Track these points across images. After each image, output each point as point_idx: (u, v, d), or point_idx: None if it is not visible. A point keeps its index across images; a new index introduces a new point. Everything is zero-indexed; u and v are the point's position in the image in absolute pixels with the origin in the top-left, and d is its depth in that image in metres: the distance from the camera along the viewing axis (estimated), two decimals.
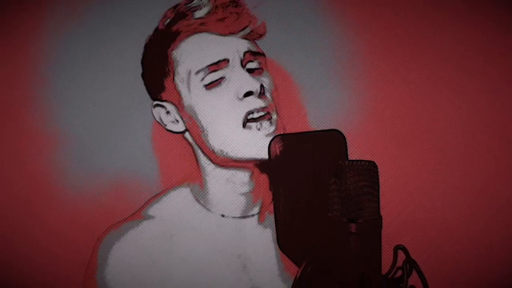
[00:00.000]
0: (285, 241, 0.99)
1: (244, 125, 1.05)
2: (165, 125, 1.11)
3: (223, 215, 1.09)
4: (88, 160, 1.11)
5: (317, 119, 1.11)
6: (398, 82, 1.12)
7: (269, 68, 1.11)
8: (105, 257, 1.08)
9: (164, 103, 1.10)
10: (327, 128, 1.07)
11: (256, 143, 1.04)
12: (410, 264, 0.91)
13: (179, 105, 1.08)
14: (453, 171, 1.11)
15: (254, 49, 1.09)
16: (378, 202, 0.89)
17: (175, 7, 1.09)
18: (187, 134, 1.11)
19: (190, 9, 1.08)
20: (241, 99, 1.05)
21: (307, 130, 1.09)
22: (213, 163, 1.09)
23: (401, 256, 0.93)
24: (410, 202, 1.10)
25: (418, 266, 0.91)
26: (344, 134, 1.03)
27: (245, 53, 1.07)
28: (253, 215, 1.10)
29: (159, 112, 1.11)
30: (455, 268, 1.09)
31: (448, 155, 1.11)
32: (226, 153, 1.06)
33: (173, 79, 1.08)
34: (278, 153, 0.99)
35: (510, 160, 1.12)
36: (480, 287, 1.10)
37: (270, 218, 1.07)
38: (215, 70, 1.06)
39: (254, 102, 1.05)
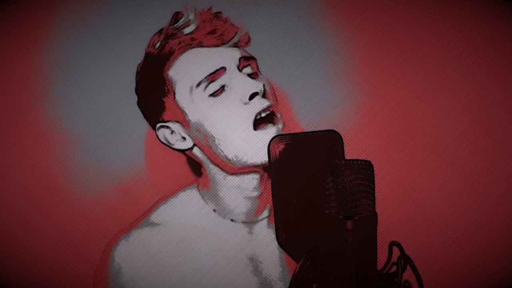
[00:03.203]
0: (284, 238, 1.01)
1: (255, 127, 1.05)
2: (172, 145, 1.09)
3: (232, 220, 1.09)
4: (94, 160, 1.10)
5: (314, 120, 1.10)
6: (393, 83, 1.12)
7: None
8: (118, 264, 1.07)
9: (167, 124, 1.09)
10: (325, 128, 1.07)
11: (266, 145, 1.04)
12: (405, 259, 0.92)
13: (184, 122, 1.07)
14: (446, 170, 1.10)
15: (245, 55, 1.09)
16: (374, 200, 0.90)
17: (160, 31, 1.09)
18: (195, 150, 1.09)
19: (178, 28, 1.08)
20: (247, 103, 1.05)
21: (305, 131, 1.09)
22: (224, 171, 1.08)
23: (396, 252, 0.94)
24: (404, 200, 1.09)
25: (413, 262, 0.92)
26: (341, 135, 1.05)
27: (239, 58, 1.07)
28: (262, 219, 1.09)
29: (163, 133, 1.09)
30: (448, 263, 1.09)
31: (442, 154, 1.11)
32: (240, 158, 1.05)
33: (174, 97, 1.07)
34: (277, 153, 1.01)
35: (502, 159, 1.12)
36: (472, 281, 1.10)
37: None
38: (214, 80, 1.05)
39: (260, 103, 1.05)
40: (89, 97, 1.12)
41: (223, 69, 1.06)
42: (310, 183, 0.99)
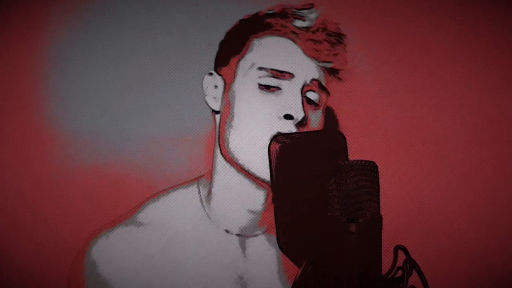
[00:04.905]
0: (285, 241, 0.99)
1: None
2: (205, 95, 1.10)
3: (227, 231, 1.06)
4: (91, 160, 1.10)
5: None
6: (398, 83, 1.12)
7: None
8: (94, 261, 1.03)
9: (218, 77, 1.09)
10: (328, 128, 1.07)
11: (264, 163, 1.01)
12: (411, 264, 0.90)
13: (228, 86, 1.07)
14: (453, 172, 1.11)
15: (323, 82, 1.06)
16: (378, 202, 0.88)
17: (284, 6, 1.08)
18: (217, 116, 1.09)
19: (294, 14, 1.06)
20: (280, 118, 1.02)
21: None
22: (223, 156, 1.06)
23: (401, 256, 0.92)
24: (410, 202, 1.09)
25: (419, 266, 0.90)
26: (345, 135, 1.03)
27: (312, 80, 1.05)
28: (258, 235, 1.07)
29: (208, 80, 1.10)
30: (455, 267, 1.09)
31: (448, 156, 1.11)
32: (236, 154, 1.03)
33: (239, 60, 1.06)
34: (278, 153, 0.99)
35: (510, 160, 1.12)
36: (480, 286, 1.10)
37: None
38: (275, 76, 1.03)
39: (289, 128, 1.02)
40: (85, 95, 1.12)
41: (290, 75, 1.04)
42: (312, 184, 0.96)
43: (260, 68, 1.04)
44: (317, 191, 0.94)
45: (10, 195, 1.10)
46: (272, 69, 1.03)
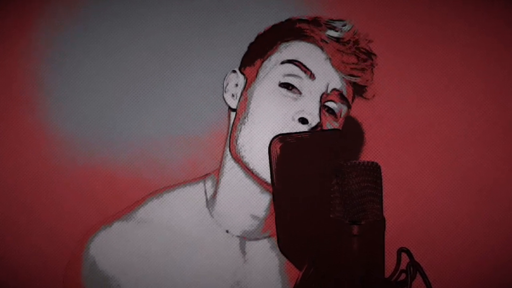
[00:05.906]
0: (285, 243, 0.98)
1: None
2: (225, 92, 1.10)
3: (227, 231, 1.05)
4: (85, 160, 1.10)
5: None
6: (401, 82, 1.12)
7: None
8: (93, 256, 1.03)
9: (240, 75, 1.09)
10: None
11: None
12: (414, 267, 0.90)
13: (248, 84, 1.07)
14: (457, 173, 1.10)
15: (345, 93, 1.06)
16: (381, 203, 0.88)
17: (316, 18, 1.09)
18: (232, 114, 1.09)
19: (327, 24, 1.07)
20: (293, 120, 1.02)
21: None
22: (232, 156, 1.06)
23: (405, 259, 0.92)
24: (414, 204, 1.09)
25: (422, 269, 0.90)
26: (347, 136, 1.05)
27: (333, 89, 1.05)
28: (260, 238, 1.06)
29: (230, 78, 1.10)
30: (460, 271, 1.08)
31: (453, 156, 1.10)
32: (243, 151, 1.03)
33: (263, 61, 1.07)
34: (279, 153, 0.98)
35: None
36: None
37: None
38: (297, 70, 1.04)
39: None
40: (81, 94, 1.12)
41: (312, 75, 1.04)
42: (313, 184, 0.96)
43: (283, 62, 1.04)
44: (318, 191, 0.94)
45: (5, 195, 1.10)
46: (297, 61, 1.04)
